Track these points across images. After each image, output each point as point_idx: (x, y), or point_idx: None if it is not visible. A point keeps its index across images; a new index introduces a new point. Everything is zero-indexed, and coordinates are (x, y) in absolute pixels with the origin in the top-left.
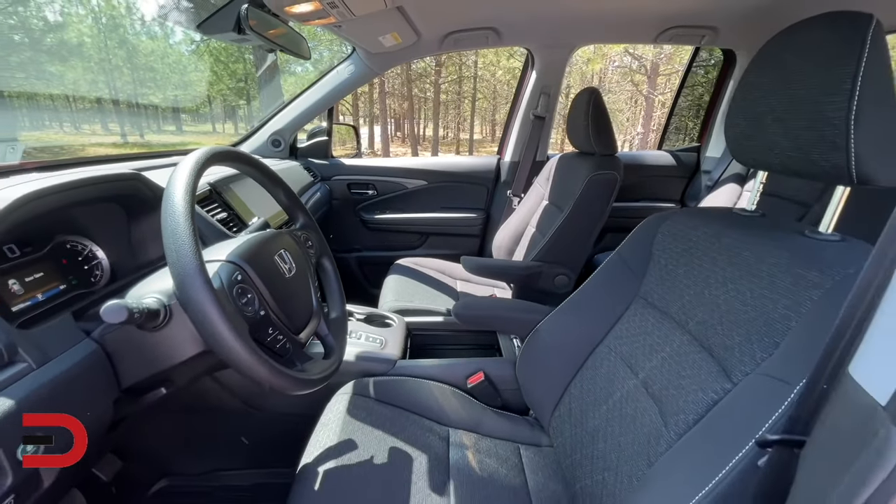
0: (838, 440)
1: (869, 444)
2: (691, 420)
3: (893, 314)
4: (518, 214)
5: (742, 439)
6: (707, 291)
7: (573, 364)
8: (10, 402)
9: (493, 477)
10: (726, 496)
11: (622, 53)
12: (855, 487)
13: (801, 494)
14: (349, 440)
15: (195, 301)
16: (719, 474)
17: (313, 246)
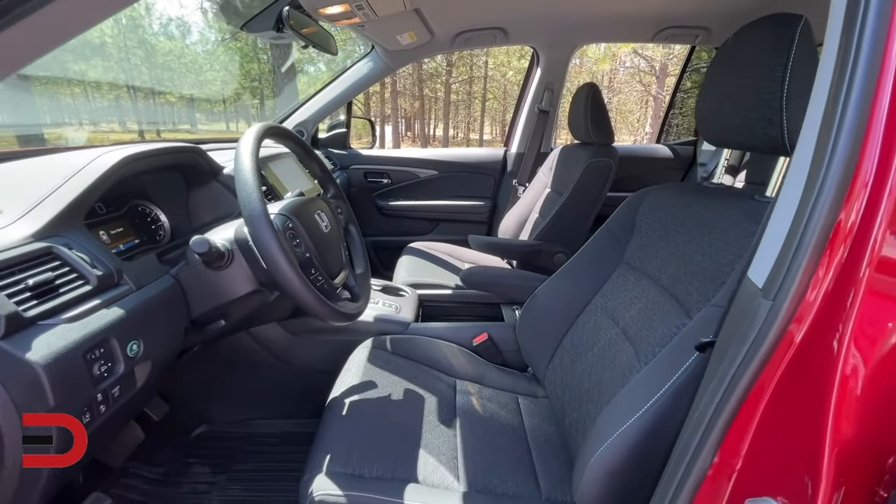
0: (733, 323)
1: (751, 317)
2: (657, 351)
3: (773, 227)
4: (523, 202)
5: (689, 353)
6: (677, 250)
7: (566, 322)
8: (122, 312)
9: (494, 417)
10: (677, 394)
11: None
12: (739, 347)
13: (707, 372)
14: (370, 381)
15: (262, 235)
16: (671, 380)
17: (342, 213)
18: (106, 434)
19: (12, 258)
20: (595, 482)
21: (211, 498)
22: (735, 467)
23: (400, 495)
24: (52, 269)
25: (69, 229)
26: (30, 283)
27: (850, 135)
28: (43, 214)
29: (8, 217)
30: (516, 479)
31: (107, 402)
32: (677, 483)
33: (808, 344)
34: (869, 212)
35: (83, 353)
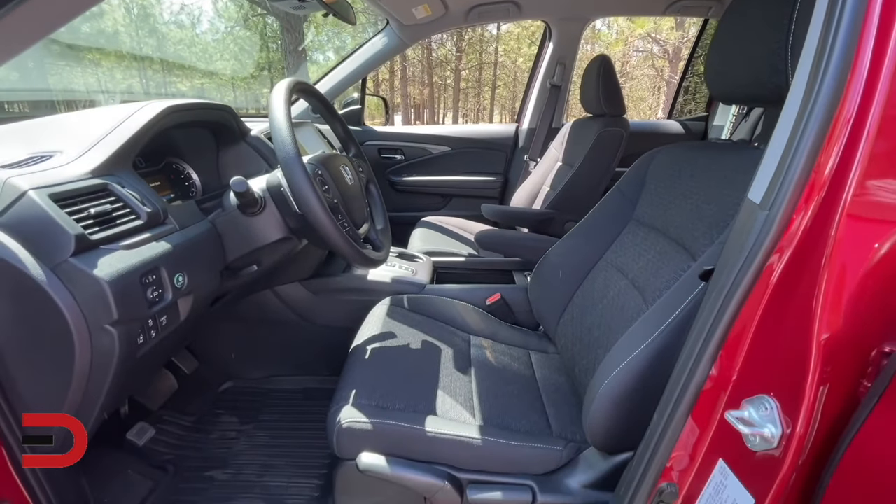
0: (732, 241)
1: (748, 229)
2: (663, 293)
3: (773, 147)
4: (534, 176)
5: (693, 286)
6: (685, 202)
7: (577, 279)
8: (169, 246)
9: (506, 368)
10: (681, 324)
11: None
12: (737, 259)
13: (707, 293)
14: (389, 332)
15: (296, 175)
16: (676, 312)
17: (364, 172)
18: (150, 366)
19: (76, 189)
20: (603, 409)
21: (239, 443)
22: (732, 374)
23: (422, 423)
24: (109, 203)
25: (120, 170)
26: (91, 213)
27: (842, 50)
28: (97, 155)
29: (67, 157)
30: (529, 420)
31: (156, 328)
32: (677, 395)
33: (800, 249)
34: (858, 123)
35: (139, 276)
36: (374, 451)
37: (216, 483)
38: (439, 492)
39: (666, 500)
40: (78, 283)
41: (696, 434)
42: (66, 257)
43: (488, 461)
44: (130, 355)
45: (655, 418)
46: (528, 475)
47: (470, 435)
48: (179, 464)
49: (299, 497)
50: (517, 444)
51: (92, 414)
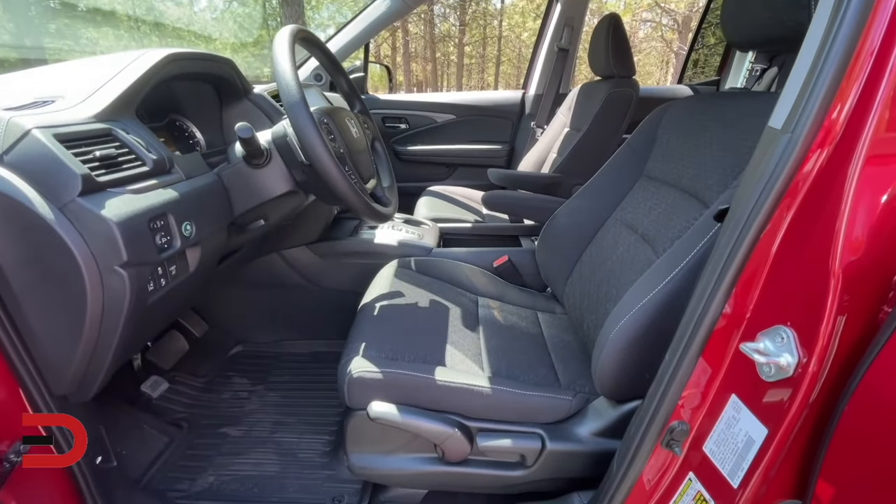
0: (750, 171)
1: (770, 154)
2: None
3: (795, 75)
4: (541, 143)
5: (707, 230)
6: (698, 151)
7: (586, 238)
8: (176, 194)
9: (514, 327)
10: (694, 267)
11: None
12: (756, 186)
13: (722, 231)
14: (397, 292)
15: (301, 120)
16: (689, 255)
17: (369, 129)
18: (160, 317)
19: (80, 132)
20: (613, 356)
21: (251, 403)
22: (747, 307)
23: (432, 373)
24: (114, 148)
25: (123, 116)
26: (97, 155)
27: None
28: (100, 101)
29: (70, 101)
30: (537, 372)
31: (166, 276)
32: (689, 335)
33: (823, 172)
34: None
35: (147, 220)
36: (385, 399)
37: (229, 439)
38: (449, 439)
39: (677, 437)
40: (87, 223)
41: (707, 372)
42: (74, 197)
43: (498, 410)
44: (141, 301)
45: (667, 358)
46: (538, 424)
47: (480, 384)
48: (193, 421)
49: (311, 451)
50: (527, 394)
51: (106, 359)
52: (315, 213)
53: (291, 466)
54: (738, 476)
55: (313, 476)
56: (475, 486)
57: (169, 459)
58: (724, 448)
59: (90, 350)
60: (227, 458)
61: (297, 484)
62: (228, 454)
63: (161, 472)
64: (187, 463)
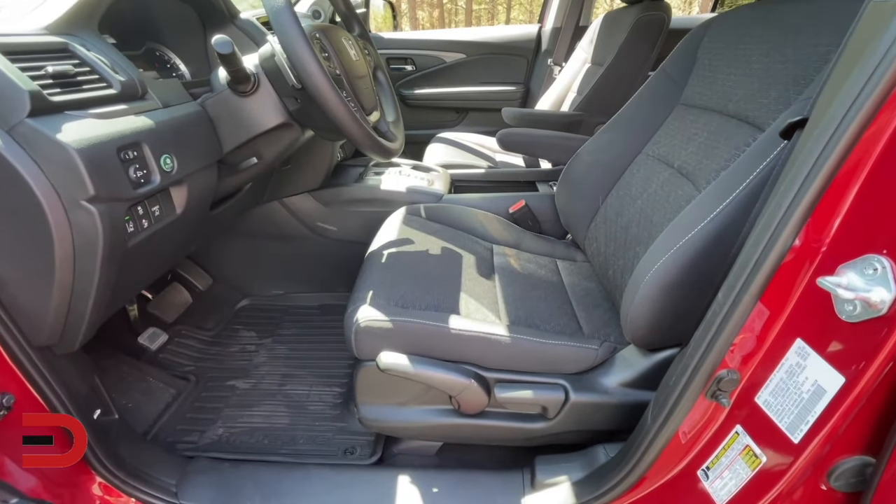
0: (850, 56)
1: (878, 37)
2: (720, 174)
3: None
4: (559, 82)
5: (766, 154)
6: (749, 68)
7: (612, 177)
8: (151, 122)
9: (532, 275)
10: (750, 196)
11: None
12: (864, 70)
13: (796, 150)
14: (407, 238)
15: (288, 29)
16: (743, 184)
17: (370, 55)
18: (150, 264)
19: (28, 44)
20: (647, 302)
21: (259, 355)
22: (825, 237)
23: (445, 321)
24: (71, 65)
25: (83, 31)
26: (49, 71)
27: None
28: (53, 10)
29: (15, 10)
30: (558, 321)
31: (149, 218)
32: (748, 273)
33: None
34: None
35: (116, 149)
36: (395, 349)
37: (238, 392)
38: (465, 390)
39: (724, 388)
40: (41, 149)
41: (765, 315)
42: (22, 118)
43: (517, 360)
44: (119, 242)
45: (719, 300)
46: (560, 374)
47: (497, 332)
48: (200, 374)
49: (321, 403)
50: (548, 343)
51: (86, 307)
52: (316, 157)
53: (302, 418)
54: (801, 430)
55: (324, 428)
56: (493, 439)
57: (177, 412)
58: (782, 399)
59: (66, 296)
60: (235, 410)
61: (307, 436)
62: (237, 406)
63: (169, 424)
64: (196, 415)
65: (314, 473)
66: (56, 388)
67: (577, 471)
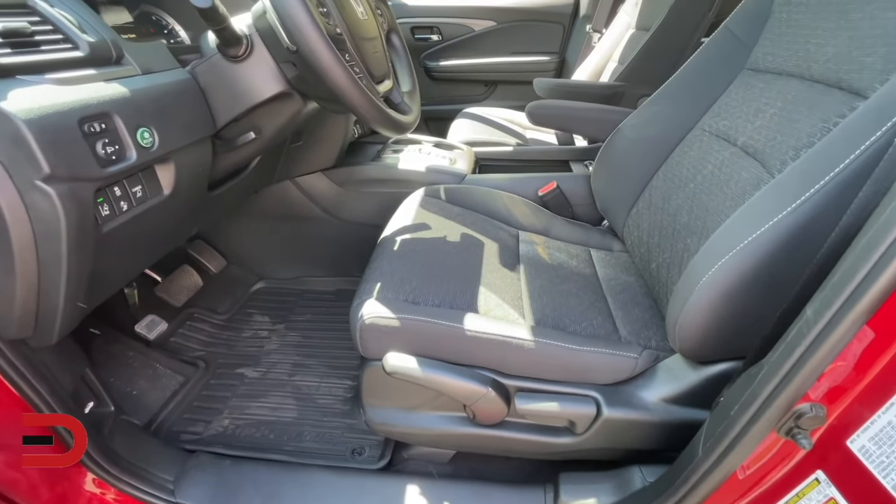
0: None
1: None
2: (800, 153)
3: None
4: (598, 51)
5: (878, 123)
6: (843, 20)
7: (659, 156)
8: (125, 90)
9: (562, 265)
10: (846, 184)
11: None
12: None
13: None
14: (423, 223)
15: None
16: (840, 165)
17: (383, 16)
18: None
19: None
20: (703, 307)
21: (271, 342)
22: None
23: (460, 321)
24: (27, 23)
25: None
26: None
27: None
28: None
29: None
30: (591, 321)
31: (128, 199)
32: (857, 284)
33: None
34: None
35: (78, 120)
36: (404, 350)
37: (247, 380)
38: (481, 399)
39: (805, 425)
40: None
41: (872, 340)
42: None
43: (542, 367)
44: (89, 227)
45: (809, 316)
46: (592, 385)
47: (519, 336)
48: (210, 360)
49: (330, 397)
50: (579, 349)
51: (57, 298)
52: (329, 134)
53: (310, 412)
54: None
55: (332, 424)
56: (512, 451)
57: (183, 400)
58: (890, 449)
59: (32, 287)
60: (243, 400)
61: (314, 432)
62: (245, 397)
63: (174, 413)
64: (202, 404)
65: (317, 477)
66: (34, 382)
67: (607, 494)
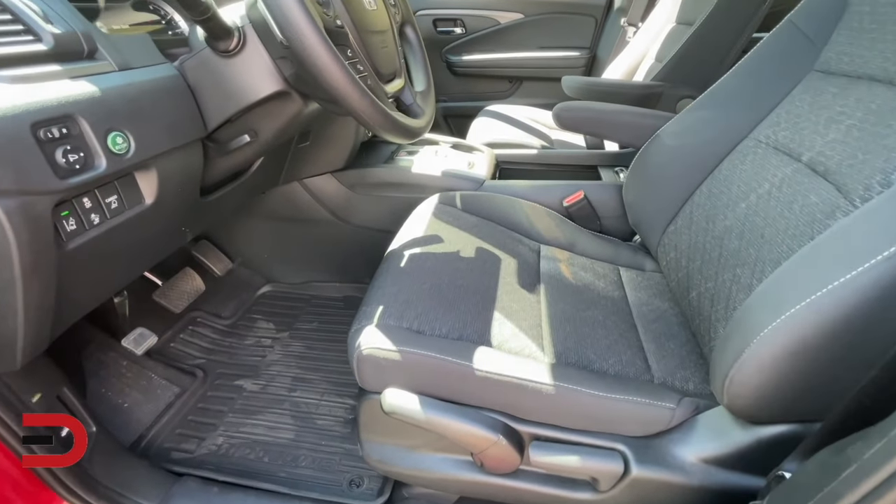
0: None
1: None
2: (894, 177)
3: None
4: (634, 47)
5: None
6: None
7: (702, 169)
8: (94, 89)
9: (588, 287)
10: None
11: None
12: None
13: None
14: (435, 235)
15: None
16: None
17: (396, 5)
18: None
19: None
20: (765, 364)
21: (274, 352)
22: None
23: (468, 358)
24: None
25: None
26: None
27: None
28: None
29: None
30: (619, 357)
31: (100, 211)
32: None
33: None
34: None
35: (31, 125)
36: (404, 386)
37: (245, 394)
38: (492, 447)
39: None
40: None
41: None
42: None
43: (562, 414)
44: (47, 245)
45: None
46: (619, 437)
47: (538, 380)
48: (209, 369)
49: (330, 417)
50: (605, 396)
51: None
52: (339, 133)
53: (307, 434)
54: None
55: (330, 449)
56: (524, 503)
57: (177, 413)
58: None
59: None
60: (239, 416)
61: (311, 457)
62: (241, 412)
63: (168, 427)
64: (197, 418)
65: None
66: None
67: None
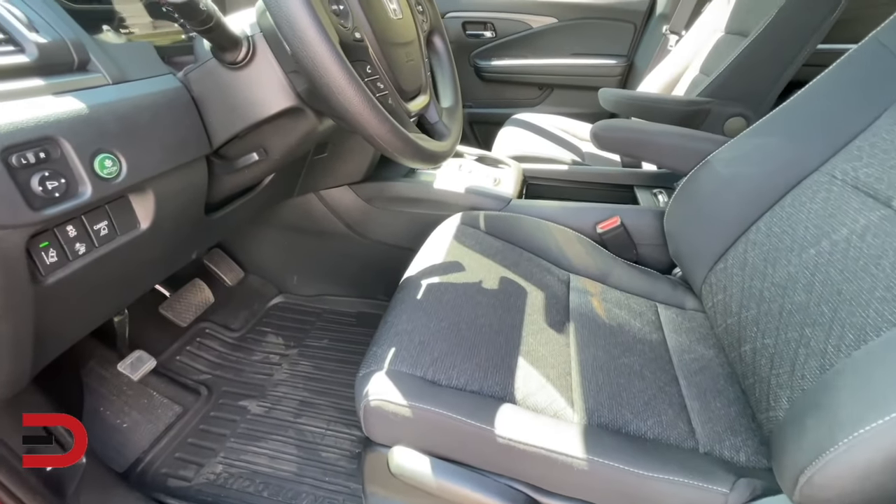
0: None
1: None
2: None
3: None
4: (675, 57)
5: None
6: None
7: (760, 204)
8: (82, 106)
9: (623, 327)
10: None
11: None
12: None
13: None
14: (456, 262)
15: None
16: None
17: (424, 13)
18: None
19: None
20: (860, 468)
21: (282, 370)
22: None
23: (489, 420)
24: None
25: None
26: None
27: None
28: None
29: None
30: (659, 417)
31: (87, 240)
32: None
33: None
34: None
35: (1, 149)
36: (415, 445)
37: (248, 416)
38: None
39: None
40: None
41: None
42: None
43: (594, 491)
44: (22, 281)
45: None
46: None
47: (567, 451)
48: (214, 387)
49: (335, 450)
50: (645, 475)
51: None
52: (357, 145)
53: (311, 468)
54: None
55: (334, 487)
56: None
57: (178, 434)
58: None
59: None
60: (241, 442)
61: (313, 495)
62: (244, 437)
63: (166, 450)
64: (197, 441)
65: None
66: None
67: None
